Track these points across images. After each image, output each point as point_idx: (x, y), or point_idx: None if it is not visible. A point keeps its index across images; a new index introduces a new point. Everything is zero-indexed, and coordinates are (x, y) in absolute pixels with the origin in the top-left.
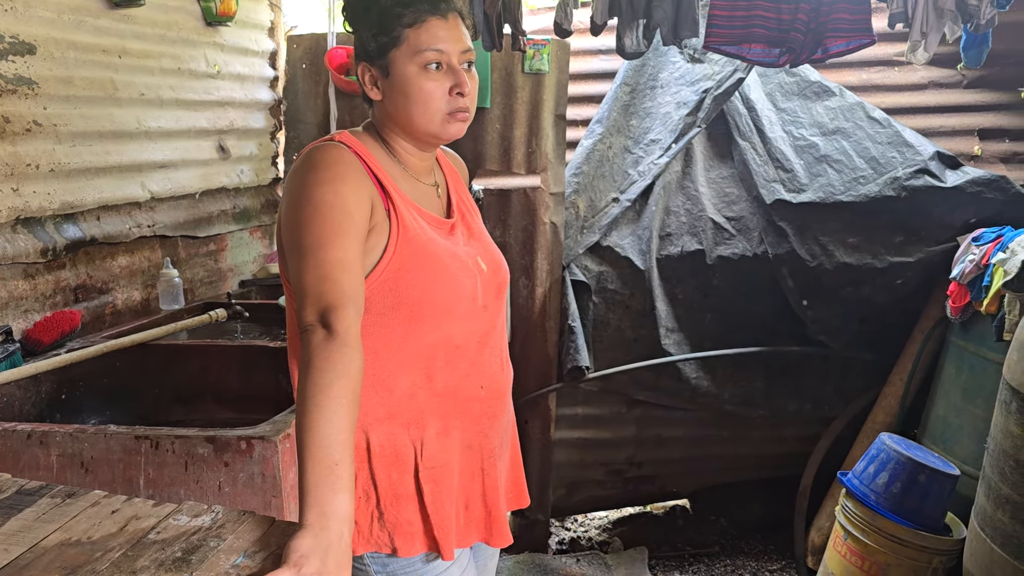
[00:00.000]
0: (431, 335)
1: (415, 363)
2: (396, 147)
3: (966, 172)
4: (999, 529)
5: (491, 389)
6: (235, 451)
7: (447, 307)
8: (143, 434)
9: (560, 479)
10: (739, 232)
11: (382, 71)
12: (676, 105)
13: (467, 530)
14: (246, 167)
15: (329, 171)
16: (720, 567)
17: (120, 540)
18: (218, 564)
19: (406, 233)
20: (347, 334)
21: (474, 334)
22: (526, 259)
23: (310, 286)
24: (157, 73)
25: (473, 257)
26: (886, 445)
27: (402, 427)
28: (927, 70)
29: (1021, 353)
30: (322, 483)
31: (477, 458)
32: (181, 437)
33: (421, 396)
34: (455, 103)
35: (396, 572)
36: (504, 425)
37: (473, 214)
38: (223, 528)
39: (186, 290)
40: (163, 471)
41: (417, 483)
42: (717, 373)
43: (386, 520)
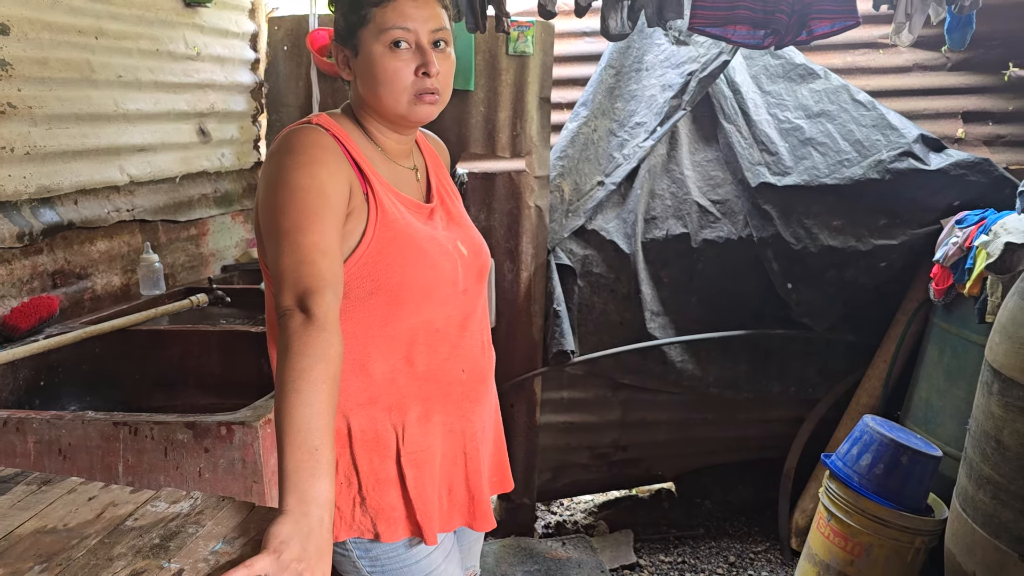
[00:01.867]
0: (411, 319)
1: (395, 347)
2: (372, 130)
3: (950, 155)
4: (980, 509)
5: (472, 373)
6: (215, 437)
7: (427, 291)
8: (121, 420)
9: (545, 463)
10: (724, 215)
11: (353, 51)
12: (661, 88)
13: (450, 514)
14: (227, 150)
15: (306, 154)
16: (705, 549)
17: (97, 527)
18: (196, 551)
19: (384, 217)
20: (325, 318)
21: (454, 318)
22: (511, 243)
23: (287, 270)
24: (135, 55)
25: (453, 241)
26: (869, 427)
27: (383, 412)
28: (912, 52)
29: (1003, 335)
30: (302, 468)
31: (459, 442)
32: (160, 423)
33: (402, 380)
34: (421, 84)
35: (379, 557)
36: (486, 409)
37: (453, 198)
38: (202, 514)
39: (167, 275)
40: (142, 457)
41: (399, 468)
42: (702, 356)
43: (368, 505)
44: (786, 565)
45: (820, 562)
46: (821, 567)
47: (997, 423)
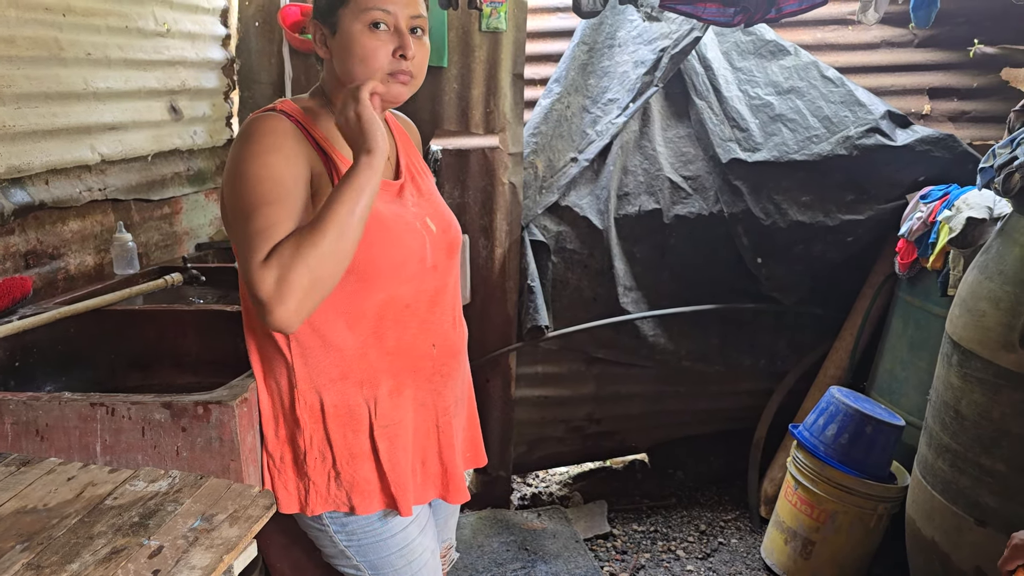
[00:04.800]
0: (379, 296)
1: (365, 323)
2: None
3: (916, 131)
4: (939, 477)
5: (443, 347)
6: (192, 416)
7: (393, 269)
8: (99, 401)
9: (521, 436)
10: (696, 191)
11: (330, 29)
12: (634, 64)
13: (424, 487)
14: (199, 128)
15: (261, 143)
16: (677, 518)
17: (77, 507)
18: (176, 528)
19: None
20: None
21: (424, 293)
22: (485, 219)
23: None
24: (104, 32)
25: (421, 218)
26: (835, 398)
27: (355, 386)
28: (880, 29)
29: (962, 308)
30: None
31: (431, 415)
32: (137, 403)
33: (372, 355)
34: (397, 65)
35: (355, 531)
36: (458, 383)
37: (424, 176)
38: (180, 492)
39: (141, 254)
40: (120, 437)
41: (372, 442)
42: (674, 330)
43: (343, 479)
44: (755, 532)
45: (787, 529)
46: (788, 534)
47: (956, 394)
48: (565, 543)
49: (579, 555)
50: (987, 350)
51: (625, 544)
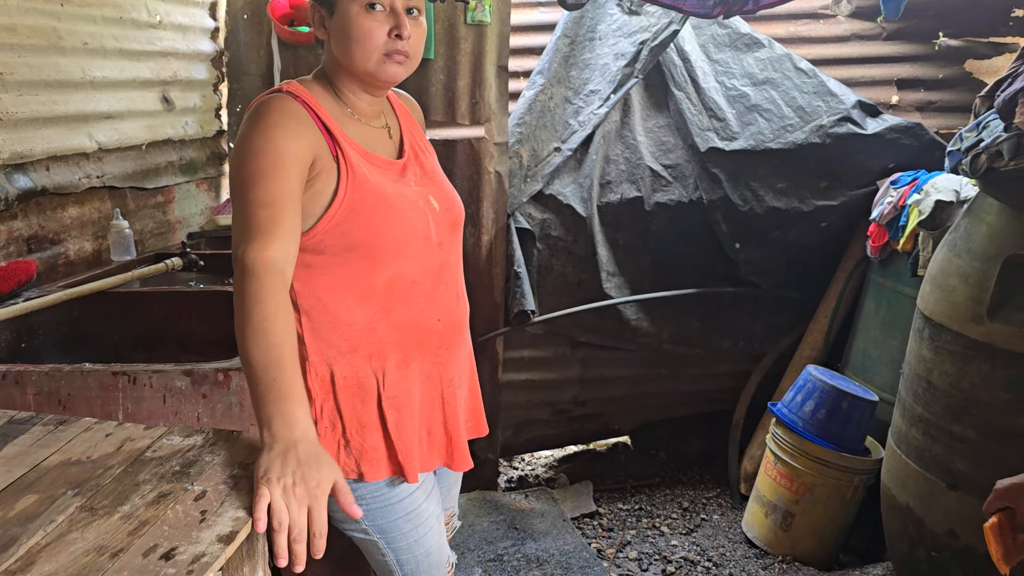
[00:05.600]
0: (386, 273)
1: (372, 299)
2: (344, 90)
3: (885, 120)
4: (913, 445)
5: (448, 322)
6: (212, 383)
7: (399, 247)
8: (120, 370)
9: (508, 420)
10: (675, 179)
11: (328, 10)
12: (614, 56)
13: (430, 455)
14: (191, 119)
15: (265, 120)
16: (660, 497)
17: (118, 459)
18: (215, 476)
19: (354, 177)
20: (253, 264)
21: (429, 270)
22: (472, 208)
23: (235, 227)
24: (100, 22)
25: (425, 196)
26: (812, 376)
27: (364, 359)
28: (850, 23)
29: (933, 284)
30: (267, 401)
31: (437, 387)
32: (159, 372)
33: (381, 330)
34: (393, 44)
35: (364, 496)
36: (462, 356)
37: (427, 154)
38: (215, 446)
39: (136, 242)
40: (141, 405)
41: (380, 412)
42: (656, 314)
43: (352, 447)
44: (736, 508)
45: (768, 502)
46: (768, 507)
47: (928, 365)
48: (553, 522)
49: (567, 533)
50: (957, 323)
51: (611, 522)
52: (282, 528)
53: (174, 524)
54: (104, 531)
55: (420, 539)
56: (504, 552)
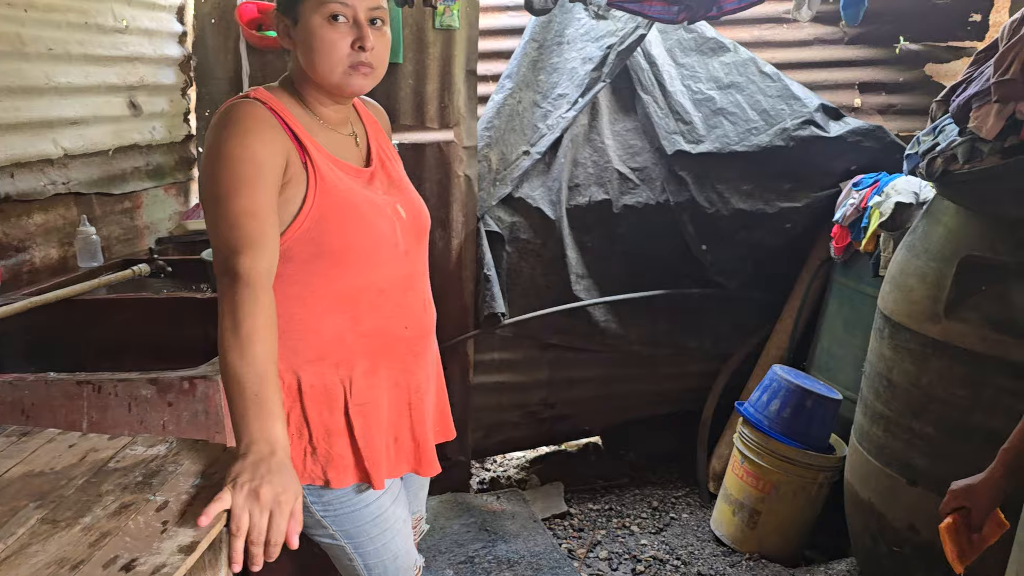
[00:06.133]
0: (355, 280)
1: (341, 307)
2: (310, 99)
3: (847, 123)
4: (874, 442)
5: (415, 329)
6: (178, 391)
7: (368, 254)
8: (85, 379)
9: (479, 422)
10: (643, 182)
11: (293, 21)
12: (582, 60)
13: (397, 461)
14: (158, 124)
15: (239, 126)
16: (630, 496)
17: (82, 470)
18: (178, 485)
19: (323, 184)
20: (248, 275)
21: (397, 278)
22: (442, 211)
23: (219, 236)
24: (64, 27)
25: (392, 204)
26: (778, 375)
27: (331, 367)
28: (813, 27)
29: (892, 284)
30: (248, 414)
31: (404, 394)
32: (123, 380)
33: (348, 338)
34: (357, 57)
35: (331, 502)
36: (429, 363)
37: (394, 162)
38: (179, 455)
39: (103, 248)
40: (106, 414)
41: (347, 419)
42: (624, 315)
43: (319, 455)
44: (704, 507)
45: (735, 501)
46: (736, 505)
47: (888, 364)
48: (524, 523)
49: (538, 534)
50: (915, 322)
51: (582, 522)
52: (240, 534)
53: (135, 535)
54: (65, 543)
55: (387, 543)
56: (475, 554)
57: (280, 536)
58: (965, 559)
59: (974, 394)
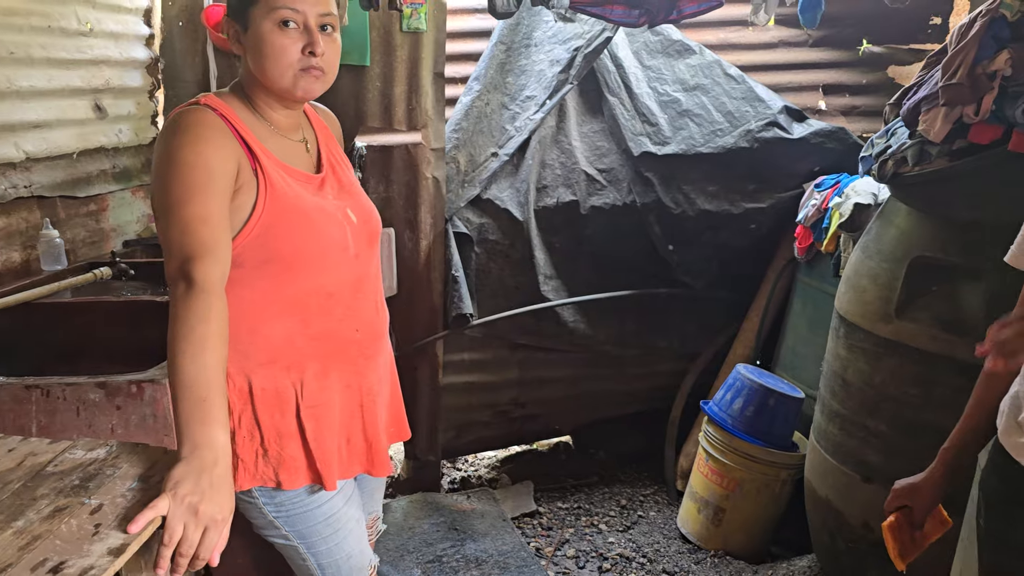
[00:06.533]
0: (304, 285)
1: (291, 311)
2: (261, 104)
3: (810, 124)
4: (831, 440)
5: (366, 332)
6: (126, 395)
7: (317, 258)
8: (33, 383)
9: (449, 422)
10: (610, 183)
11: (243, 26)
12: (550, 63)
13: (350, 462)
14: (125, 126)
15: (190, 133)
16: (599, 495)
17: (19, 474)
18: (114, 488)
19: (273, 191)
20: (204, 281)
21: (347, 282)
22: (410, 213)
23: (172, 241)
24: (26, 31)
25: (343, 209)
26: (741, 374)
27: (282, 370)
28: (778, 30)
29: (847, 285)
30: (193, 418)
31: (356, 396)
32: (72, 384)
33: (299, 341)
34: (307, 61)
35: (283, 503)
36: (381, 365)
37: (344, 168)
38: (118, 459)
39: (68, 251)
40: (55, 418)
41: (299, 421)
42: (593, 316)
43: (270, 456)
44: (672, 505)
45: (700, 499)
46: (701, 503)
47: (843, 363)
48: (493, 522)
49: (506, 533)
50: (868, 322)
51: (550, 521)
52: (171, 544)
53: (66, 538)
54: None
55: (340, 543)
56: (443, 553)
57: (209, 553)
58: (907, 556)
59: (925, 392)
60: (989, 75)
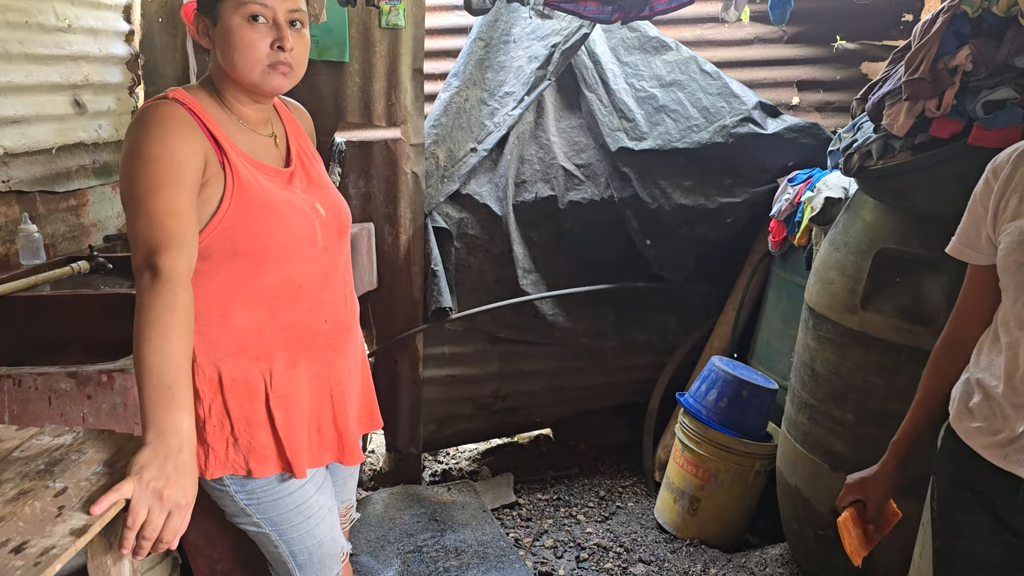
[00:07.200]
0: (271, 277)
1: (259, 302)
2: (229, 98)
3: (784, 120)
4: (800, 430)
5: (335, 323)
6: (97, 384)
7: (285, 251)
8: (5, 373)
9: (430, 415)
10: (588, 178)
11: (212, 21)
12: (528, 59)
13: (320, 451)
14: (104, 122)
15: (157, 127)
16: (578, 486)
17: None
18: (79, 473)
19: (240, 184)
20: (170, 272)
21: (315, 274)
22: (389, 208)
23: (138, 233)
24: (3, 27)
25: (311, 203)
26: (715, 366)
27: (251, 360)
28: (753, 26)
29: (816, 277)
30: (158, 405)
31: (325, 386)
32: (43, 374)
33: (267, 332)
34: (276, 56)
35: (254, 491)
36: (351, 355)
37: (313, 162)
38: (84, 444)
39: (48, 245)
40: (27, 407)
41: (268, 411)
42: (572, 309)
43: (240, 445)
44: (650, 496)
45: (676, 489)
46: (677, 493)
47: (812, 354)
48: (473, 513)
49: (486, 523)
50: (835, 313)
51: (530, 512)
52: (134, 527)
53: (30, 520)
54: None
55: (311, 530)
56: (423, 544)
57: (172, 536)
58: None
59: (889, 382)
60: (950, 70)
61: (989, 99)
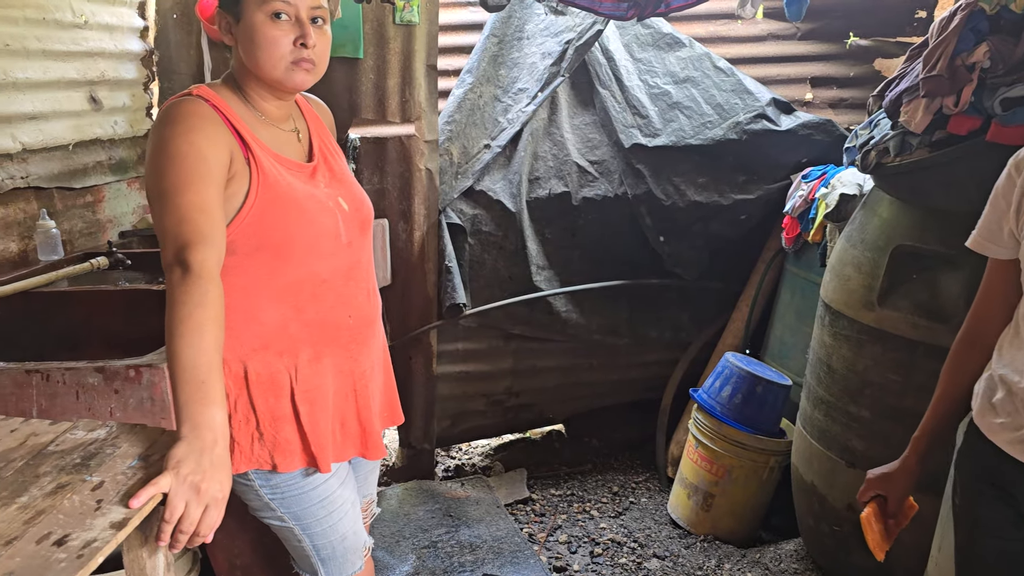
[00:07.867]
0: (296, 272)
1: (284, 298)
2: (252, 95)
3: (798, 116)
4: (816, 426)
5: (358, 318)
6: (124, 379)
7: (310, 246)
8: (33, 368)
9: (444, 411)
10: (601, 175)
11: (235, 17)
12: (541, 55)
13: (344, 446)
14: (120, 118)
15: (184, 123)
16: (592, 482)
17: (21, 452)
18: (115, 467)
19: (265, 180)
20: (201, 268)
21: (339, 269)
22: (404, 204)
23: (168, 229)
24: (21, 23)
25: (334, 198)
26: (729, 362)
27: (276, 356)
28: (767, 23)
29: (832, 274)
30: (192, 400)
31: (349, 381)
32: (71, 369)
33: (292, 327)
34: (298, 53)
35: (279, 485)
36: (374, 350)
37: (336, 157)
38: (118, 439)
39: (65, 241)
40: (55, 401)
41: (294, 405)
42: (585, 306)
43: (266, 440)
44: (663, 491)
45: (690, 485)
46: (690, 489)
47: (828, 350)
48: (487, 509)
49: (500, 519)
50: (852, 310)
51: (544, 507)
52: (172, 521)
53: (69, 513)
54: (0, 521)
55: (335, 524)
56: (438, 539)
57: (209, 530)
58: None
59: (906, 378)
60: (968, 67)
61: (1007, 96)
